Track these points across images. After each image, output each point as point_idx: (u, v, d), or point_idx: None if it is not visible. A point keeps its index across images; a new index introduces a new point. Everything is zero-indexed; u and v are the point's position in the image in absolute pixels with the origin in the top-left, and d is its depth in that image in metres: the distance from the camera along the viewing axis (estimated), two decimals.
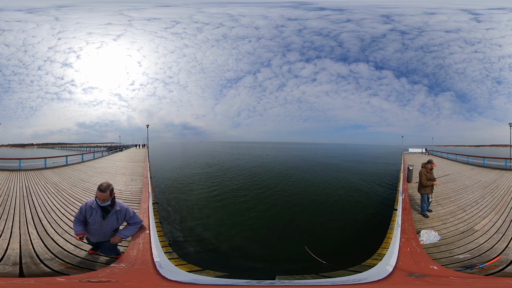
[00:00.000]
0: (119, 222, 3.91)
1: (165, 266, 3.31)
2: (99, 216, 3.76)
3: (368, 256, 4.73)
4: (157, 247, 3.92)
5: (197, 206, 11.02)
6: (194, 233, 8.06)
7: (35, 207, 6.95)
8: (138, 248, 3.44)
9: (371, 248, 5.17)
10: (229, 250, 6.89)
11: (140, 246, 3.51)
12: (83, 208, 3.79)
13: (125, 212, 3.89)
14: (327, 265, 4.66)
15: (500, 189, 9.91)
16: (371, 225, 8.84)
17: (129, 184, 11.04)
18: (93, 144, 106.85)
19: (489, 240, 5.03)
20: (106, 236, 3.89)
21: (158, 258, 3.46)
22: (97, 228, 3.79)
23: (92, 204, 3.77)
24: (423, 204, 7.00)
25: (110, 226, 3.85)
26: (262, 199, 12.14)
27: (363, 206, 11.31)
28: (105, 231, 3.84)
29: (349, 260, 4.86)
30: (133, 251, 3.36)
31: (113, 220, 3.82)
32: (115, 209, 3.81)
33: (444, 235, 5.38)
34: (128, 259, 3.10)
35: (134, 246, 3.51)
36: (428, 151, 37.83)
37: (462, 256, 4.43)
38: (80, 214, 3.79)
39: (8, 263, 3.82)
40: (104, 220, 3.78)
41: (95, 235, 3.87)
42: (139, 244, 3.57)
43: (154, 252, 3.49)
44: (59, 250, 4.39)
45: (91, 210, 3.75)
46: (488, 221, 6.09)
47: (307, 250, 5.61)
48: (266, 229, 8.64)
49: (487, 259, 4.24)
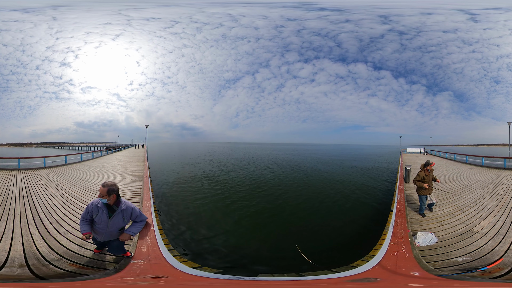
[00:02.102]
0: (125, 221, 3.94)
1: (172, 262, 3.48)
2: (105, 215, 3.79)
3: (360, 257, 4.71)
4: (161, 244, 4.04)
5: (197, 206, 11.03)
6: (191, 230, 8.09)
7: (35, 207, 6.92)
8: (147, 244, 3.58)
9: (367, 250, 5.16)
10: (229, 249, 6.93)
11: (148, 242, 3.64)
12: (90, 207, 3.82)
13: (131, 211, 3.93)
14: (313, 264, 4.72)
15: (499, 189, 9.93)
16: (370, 225, 8.82)
17: (129, 184, 11.05)
18: (91, 143, 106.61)
19: (489, 242, 4.96)
20: (112, 235, 3.91)
21: (166, 255, 3.65)
22: (103, 227, 3.81)
23: (98, 203, 3.81)
24: (421, 204, 7.02)
25: (116, 225, 3.87)
26: (254, 199, 12.18)
27: (361, 206, 11.33)
28: (111, 231, 3.86)
29: (341, 261, 4.91)
30: (143, 247, 3.50)
31: (119, 219, 3.85)
32: (121, 208, 3.85)
33: (441, 237, 5.30)
34: (142, 255, 3.25)
35: (143, 243, 3.64)
36: (427, 151, 37.93)
37: (461, 259, 4.35)
38: (87, 214, 3.81)
39: (14, 265, 3.80)
40: (110, 219, 3.80)
41: (101, 235, 3.88)
42: (147, 241, 3.70)
43: (162, 249, 3.67)
44: (64, 251, 4.38)
45: (97, 209, 3.78)
46: (488, 222, 6.06)
47: (298, 249, 5.61)
48: (259, 226, 8.74)
49: (488, 262, 4.17)
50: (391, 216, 6.72)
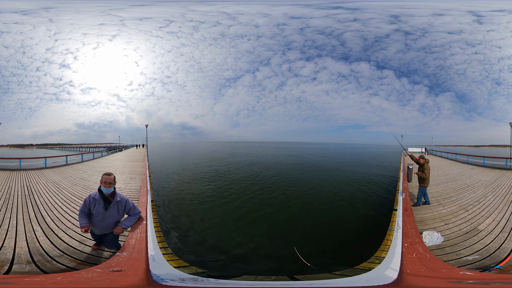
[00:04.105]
0: (120, 214, 4.08)
1: (157, 260, 3.56)
2: (102, 207, 3.93)
3: (360, 259, 4.61)
4: (153, 241, 4.11)
5: (195, 206, 10.98)
6: (189, 230, 8.02)
7: (37, 205, 6.94)
8: (136, 238, 3.62)
9: (365, 250, 5.06)
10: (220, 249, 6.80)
11: (137, 235, 3.69)
12: (87, 200, 3.95)
13: (125, 203, 4.07)
14: (312, 267, 4.61)
15: (501, 188, 9.90)
16: (369, 226, 8.59)
17: (129, 183, 11.06)
18: (92, 144, 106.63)
19: (495, 240, 4.95)
20: (108, 228, 4.05)
21: (153, 252, 3.66)
22: (100, 219, 3.95)
23: (95, 196, 3.94)
24: (420, 195, 7.44)
25: (112, 218, 4.00)
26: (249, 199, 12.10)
27: (359, 207, 11.18)
28: (107, 223, 4.00)
29: (341, 262, 4.81)
30: (132, 240, 3.54)
31: (114, 210, 3.99)
32: (116, 199, 4.00)
33: (447, 236, 5.25)
34: (129, 248, 3.29)
35: (133, 236, 3.68)
36: (428, 151, 37.85)
37: (472, 258, 4.29)
38: (85, 207, 3.93)
39: (22, 262, 3.85)
40: (106, 211, 3.94)
41: (99, 227, 4.01)
42: (137, 234, 3.75)
43: (150, 245, 3.67)
44: (65, 247, 4.46)
45: (94, 201, 3.92)
46: (492, 220, 6.05)
47: (296, 251, 5.52)
48: (256, 227, 8.60)
49: (498, 260, 4.12)
50: (395, 216, 6.59)
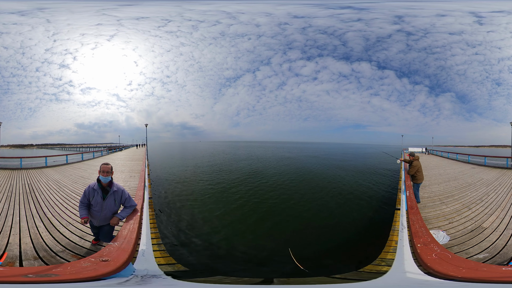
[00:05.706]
0: (117, 204, 4.22)
1: (146, 255, 3.59)
2: (100, 197, 4.07)
3: (363, 261, 4.51)
4: (147, 235, 4.12)
5: (195, 206, 10.96)
6: (189, 230, 7.97)
7: (39, 203, 6.96)
8: (129, 228, 3.70)
9: (368, 252, 4.98)
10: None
11: (130, 227, 3.76)
12: (86, 190, 4.09)
13: (121, 193, 4.21)
14: (305, 271, 4.54)
15: (503, 187, 9.90)
16: (369, 226, 8.44)
17: (128, 181, 11.06)
18: (92, 144, 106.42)
19: (501, 237, 4.90)
20: (106, 220, 4.17)
21: (145, 246, 3.72)
22: (98, 209, 4.08)
23: (94, 186, 4.09)
24: (416, 192, 7.60)
25: (109, 208, 4.13)
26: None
27: (358, 206, 11.09)
28: (105, 214, 4.12)
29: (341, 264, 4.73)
30: (125, 231, 3.62)
31: (111, 200, 4.12)
32: (113, 189, 4.14)
33: (453, 235, 5.18)
34: (121, 238, 3.36)
35: (126, 227, 3.77)
36: (428, 151, 37.83)
37: (482, 256, 4.22)
38: (84, 198, 4.07)
39: (29, 258, 3.89)
40: (104, 201, 4.08)
41: (97, 218, 4.14)
42: (130, 225, 3.84)
43: (143, 240, 3.78)
44: (67, 242, 4.52)
45: (93, 191, 4.07)
46: (496, 218, 6.03)
47: (290, 253, 5.42)
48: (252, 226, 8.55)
49: (507, 257, 4.08)
50: (397, 215, 6.46)
